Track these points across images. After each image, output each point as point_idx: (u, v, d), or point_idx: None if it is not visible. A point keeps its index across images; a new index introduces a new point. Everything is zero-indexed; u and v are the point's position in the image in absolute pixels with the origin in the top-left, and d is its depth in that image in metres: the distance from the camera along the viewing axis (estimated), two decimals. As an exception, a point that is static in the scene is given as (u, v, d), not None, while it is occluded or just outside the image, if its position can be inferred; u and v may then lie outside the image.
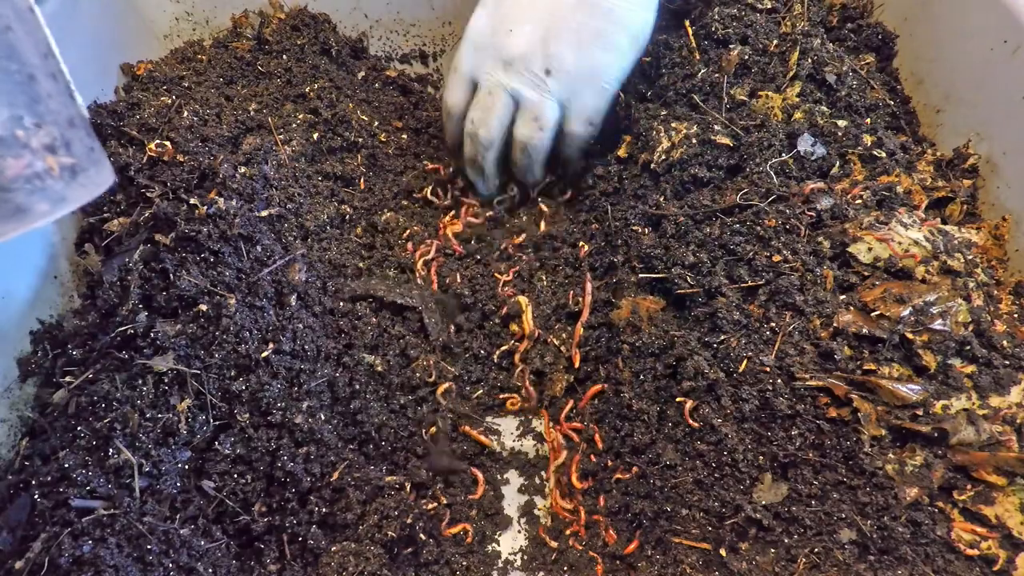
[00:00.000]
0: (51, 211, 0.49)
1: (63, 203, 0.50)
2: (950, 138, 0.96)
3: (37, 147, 0.49)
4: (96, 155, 0.55)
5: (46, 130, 0.50)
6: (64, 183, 0.51)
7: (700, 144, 0.92)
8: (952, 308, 0.73)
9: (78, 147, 0.53)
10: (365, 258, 0.99)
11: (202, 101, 0.96)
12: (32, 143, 0.48)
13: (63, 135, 0.51)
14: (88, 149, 0.54)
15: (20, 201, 0.47)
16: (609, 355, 0.93)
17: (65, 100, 0.54)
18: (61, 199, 0.50)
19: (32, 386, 0.76)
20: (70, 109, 0.54)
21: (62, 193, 0.50)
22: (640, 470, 0.83)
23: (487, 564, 0.84)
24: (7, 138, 0.47)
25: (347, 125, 1.05)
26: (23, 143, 0.48)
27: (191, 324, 0.77)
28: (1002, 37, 0.87)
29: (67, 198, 0.51)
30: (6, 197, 0.46)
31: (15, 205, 0.47)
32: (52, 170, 0.49)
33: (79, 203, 0.52)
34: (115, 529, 0.64)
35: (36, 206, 0.48)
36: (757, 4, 1.00)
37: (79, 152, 0.53)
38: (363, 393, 0.89)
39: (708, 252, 0.85)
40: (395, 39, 1.29)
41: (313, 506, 0.78)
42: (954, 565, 0.65)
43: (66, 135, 0.52)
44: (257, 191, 0.89)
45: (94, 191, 0.54)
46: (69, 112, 0.53)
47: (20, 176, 0.47)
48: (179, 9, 1.16)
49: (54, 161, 0.50)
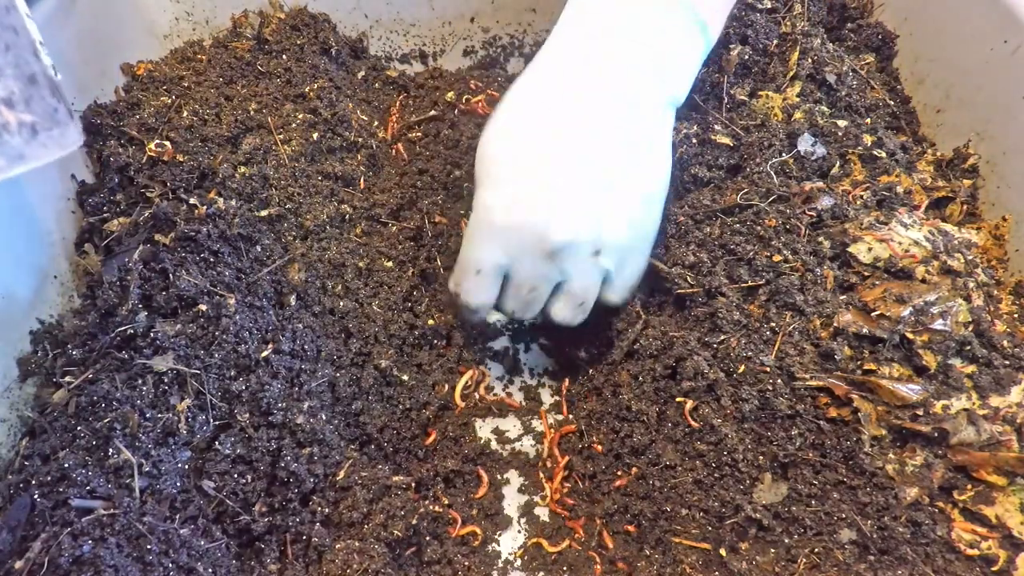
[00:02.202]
0: (7, 167, 0.49)
1: (21, 160, 0.49)
2: (950, 138, 0.96)
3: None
4: (60, 116, 0.54)
5: (2, 83, 0.48)
6: (23, 140, 0.50)
7: (700, 144, 0.92)
8: (952, 308, 0.73)
9: (39, 105, 0.52)
10: (364, 258, 0.99)
11: (202, 101, 0.96)
12: None
13: (23, 91, 0.50)
14: (51, 109, 0.53)
15: None
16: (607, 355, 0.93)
17: (27, 56, 0.52)
18: (19, 156, 0.49)
19: (32, 386, 0.76)
20: (32, 66, 0.52)
21: (20, 150, 0.49)
22: (640, 471, 0.83)
23: (487, 564, 0.84)
24: None
25: (347, 125, 1.05)
26: None
27: (191, 324, 0.77)
28: (1002, 37, 0.87)
29: (25, 155, 0.50)
30: None
31: None
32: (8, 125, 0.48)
33: (39, 162, 0.51)
34: (115, 529, 0.64)
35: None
36: (757, 4, 0.99)
37: (40, 110, 0.52)
38: (365, 394, 0.89)
39: (708, 252, 0.85)
40: (395, 39, 1.29)
41: (316, 506, 0.79)
42: (954, 565, 0.65)
43: (26, 91, 0.51)
44: (257, 191, 0.89)
45: (56, 151, 0.53)
46: (31, 69, 0.52)
47: None
48: (179, 9, 1.16)
49: (12, 116, 0.49)
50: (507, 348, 1.05)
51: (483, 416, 0.99)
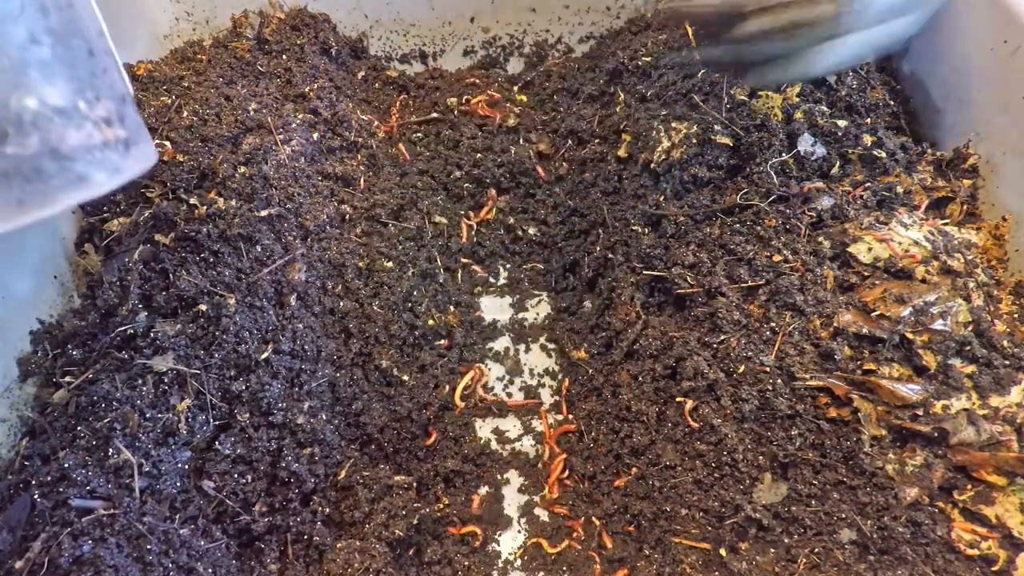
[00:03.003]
0: (108, 181, 0.52)
1: (118, 174, 0.53)
2: (950, 138, 0.96)
3: (96, 119, 0.51)
4: (144, 131, 0.58)
5: (103, 104, 0.52)
6: (119, 155, 0.53)
7: (700, 144, 0.92)
8: (952, 308, 0.73)
9: (130, 122, 0.55)
10: (364, 258, 0.99)
11: (202, 101, 0.96)
12: (91, 115, 0.51)
13: (118, 109, 0.54)
14: (137, 124, 0.57)
15: (81, 170, 0.49)
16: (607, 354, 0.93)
17: (118, 76, 0.56)
18: (117, 170, 0.52)
19: (32, 386, 0.76)
20: (123, 85, 0.56)
21: (118, 164, 0.53)
22: (640, 471, 0.83)
23: (487, 564, 0.84)
24: (69, 109, 0.49)
25: (347, 125, 1.05)
26: (84, 115, 0.50)
27: (191, 324, 0.77)
28: (1002, 37, 0.87)
29: (122, 169, 0.53)
30: (68, 166, 0.49)
31: (76, 174, 0.49)
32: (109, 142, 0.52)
33: (132, 175, 0.54)
34: (115, 529, 0.64)
35: (95, 175, 0.50)
36: (757, 4, 0.99)
37: (131, 126, 0.55)
38: (366, 394, 0.89)
39: (708, 252, 0.85)
40: (395, 39, 1.29)
41: (316, 506, 0.79)
42: (954, 565, 0.65)
43: (120, 110, 0.54)
44: (257, 191, 0.89)
45: (144, 164, 0.56)
46: (122, 88, 0.56)
47: (81, 146, 0.49)
48: (179, 9, 1.16)
49: (111, 133, 0.52)
50: (507, 348, 1.05)
51: (483, 416, 0.99)
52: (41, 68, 0.48)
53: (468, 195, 1.15)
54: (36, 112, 0.47)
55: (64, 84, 0.49)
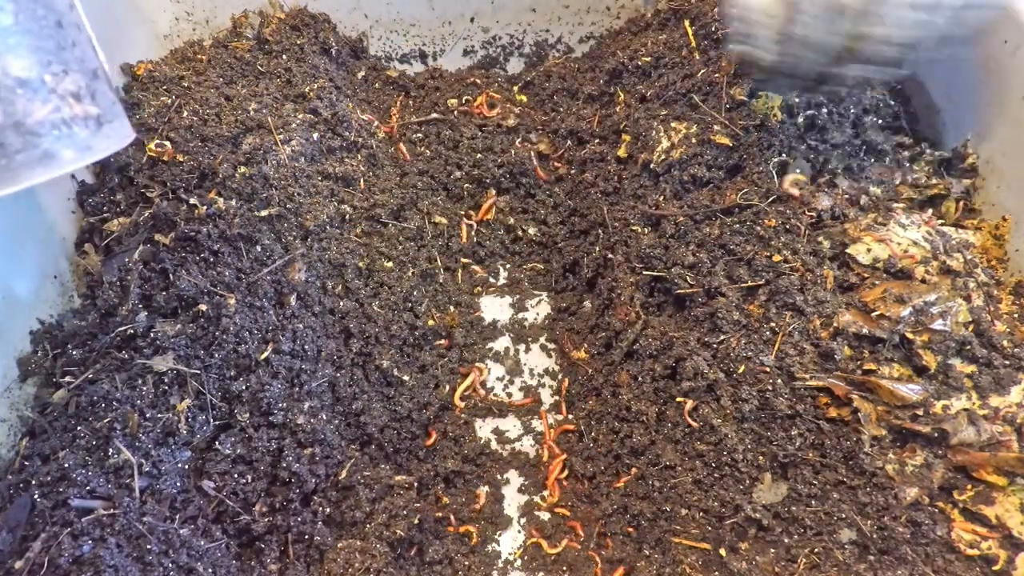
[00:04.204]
0: (77, 158, 0.50)
1: (89, 152, 0.51)
2: (950, 138, 0.96)
3: (63, 93, 0.49)
4: (118, 109, 0.56)
5: (72, 78, 0.50)
6: (90, 132, 0.51)
7: (700, 144, 0.92)
8: (952, 308, 0.73)
9: (102, 98, 0.53)
10: (364, 258, 0.99)
11: (202, 101, 0.96)
12: (58, 89, 0.49)
13: (88, 85, 0.52)
14: (111, 102, 0.55)
15: (47, 146, 0.48)
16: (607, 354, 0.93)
17: (89, 51, 0.54)
18: (87, 147, 0.51)
19: (32, 386, 0.76)
20: (94, 61, 0.54)
21: (87, 142, 0.51)
22: (639, 471, 0.83)
23: (487, 564, 0.84)
24: (33, 81, 0.47)
25: (347, 125, 1.05)
26: (50, 88, 0.48)
27: (191, 324, 0.77)
28: (1002, 37, 0.87)
29: (92, 147, 0.51)
30: (34, 141, 0.47)
31: (43, 150, 0.47)
32: (77, 118, 0.50)
33: (104, 153, 0.53)
34: (115, 529, 0.64)
35: (62, 152, 0.49)
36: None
37: (104, 103, 0.53)
38: (366, 394, 0.89)
39: (708, 252, 0.85)
40: (395, 39, 1.29)
41: (317, 506, 0.79)
42: (954, 565, 0.65)
43: (91, 85, 0.52)
44: (257, 191, 0.89)
45: (117, 143, 0.54)
46: (93, 63, 0.54)
47: (47, 121, 0.48)
48: (179, 9, 1.16)
49: (80, 108, 0.50)
50: (507, 348, 1.06)
51: (483, 416, 0.99)
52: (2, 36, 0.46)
53: (468, 195, 1.15)
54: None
55: (28, 55, 0.47)
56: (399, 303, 0.97)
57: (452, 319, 1.02)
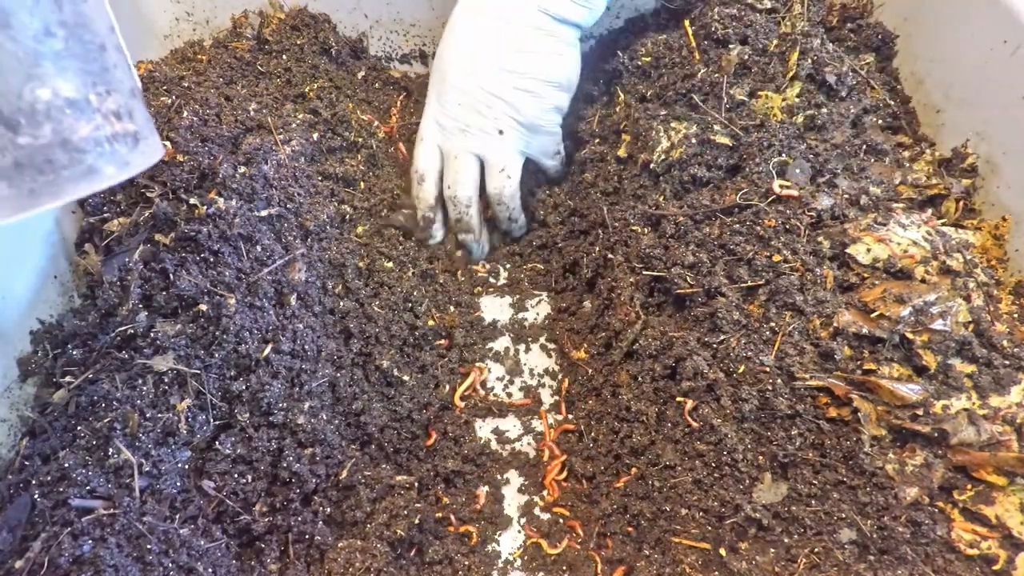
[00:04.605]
0: (117, 174, 0.53)
1: (127, 167, 0.54)
2: (950, 138, 0.96)
3: (106, 112, 0.52)
4: (151, 126, 0.59)
5: (114, 98, 0.53)
6: (128, 148, 0.54)
7: (700, 144, 0.92)
8: (952, 308, 0.73)
9: (139, 116, 0.56)
10: (364, 258, 0.99)
11: (202, 101, 0.96)
12: (102, 108, 0.52)
13: (127, 104, 0.55)
14: (146, 119, 0.58)
15: (91, 162, 0.50)
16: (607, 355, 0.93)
17: (127, 71, 0.57)
18: (126, 163, 0.53)
19: (32, 386, 0.76)
20: (132, 81, 0.57)
21: (127, 158, 0.54)
22: (639, 471, 0.83)
23: (487, 564, 0.84)
24: (81, 102, 0.50)
25: (347, 125, 1.05)
26: (95, 108, 0.51)
27: (191, 324, 0.77)
28: (1002, 37, 0.87)
29: (131, 163, 0.54)
30: (79, 158, 0.50)
31: (87, 166, 0.50)
32: (118, 135, 0.53)
33: (141, 168, 0.55)
34: (115, 529, 0.64)
35: (105, 168, 0.52)
36: (757, 4, 1.00)
37: (140, 121, 0.56)
38: (365, 394, 0.89)
39: (708, 252, 0.85)
40: (395, 39, 1.29)
41: (318, 506, 0.79)
42: (954, 565, 0.65)
43: (129, 104, 0.55)
44: (257, 191, 0.89)
45: (152, 158, 0.57)
46: (131, 83, 0.57)
47: (91, 138, 0.51)
48: (179, 9, 1.16)
49: (120, 127, 0.53)
50: (507, 348, 1.06)
51: (483, 416, 0.99)
52: (54, 60, 0.49)
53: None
54: (49, 103, 0.48)
55: (76, 77, 0.50)
56: (399, 303, 0.97)
57: (452, 319, 1.02)
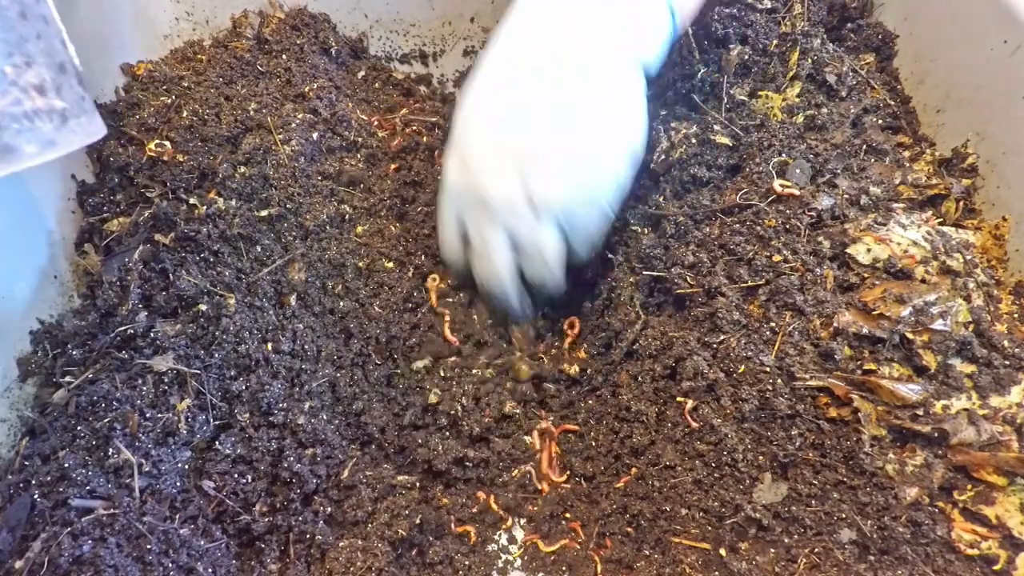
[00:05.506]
0: (39, 153, 0.49)
1: (52, 146, 0.50)
2: (950, 138, 0.96)
3: (25, 86, 0.48)
4: (87, 104, 0.55)
5: (35, 70, 0.49)
6: (54, 127, 0.50)
7: (700, 144, 0.92)
8: (952, 308, 0.73)
9: (69, 93, 0.53)
10: (364, 258, 0.99)
11: (202, 101, 0.96)
12: (20, 81, 0.48)
13: (54, 79, 0.51)
14: (79, 97, 0.54)
15: (7, 140, 0.47)
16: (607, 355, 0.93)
17: (57, 44, 0.53)
18: (50, 142, 0.50)
19: (32, 386, 0.76)
20: (61, 55, 0.53)
21: (51, 136, 0.50)
22: (639, 471, 0.83)
23: (487, 564, 0.84)
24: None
25: (347, 125, 1.05)
26: (10, 80, 0.47)
27: (191, 324, 0.77)
28: (1002, 37, 0.87)
29: (56, 142, 0.51)
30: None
31: (2, 143, 0.47)
32: (40, 111, 0.49)
33: (69, 148, 0.52)
34: (115, 529, 0.64)
35: (24, 146, 0.48)
36: (757, 4, 0.99)
37: (70, 98, 0.53)
38: (366, 394, 0.89)
39: (708, 252, 0.85)
40: (395, 39, 1.29)
41: (318, 506, 0.79)
42: (954, 565, 0.65)
43: (57, 79, 0.51)
44: (257, 191, 0.89)
45: (85, 139, 0.54)
46: (60, 57, 0.53)
47: (6, 113, 0.47)
48: (179, 9, 1.16)
49: (44, 102, 0.49)
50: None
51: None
52: None
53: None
54: None
55: None
56: (399, 303, 0.97)
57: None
